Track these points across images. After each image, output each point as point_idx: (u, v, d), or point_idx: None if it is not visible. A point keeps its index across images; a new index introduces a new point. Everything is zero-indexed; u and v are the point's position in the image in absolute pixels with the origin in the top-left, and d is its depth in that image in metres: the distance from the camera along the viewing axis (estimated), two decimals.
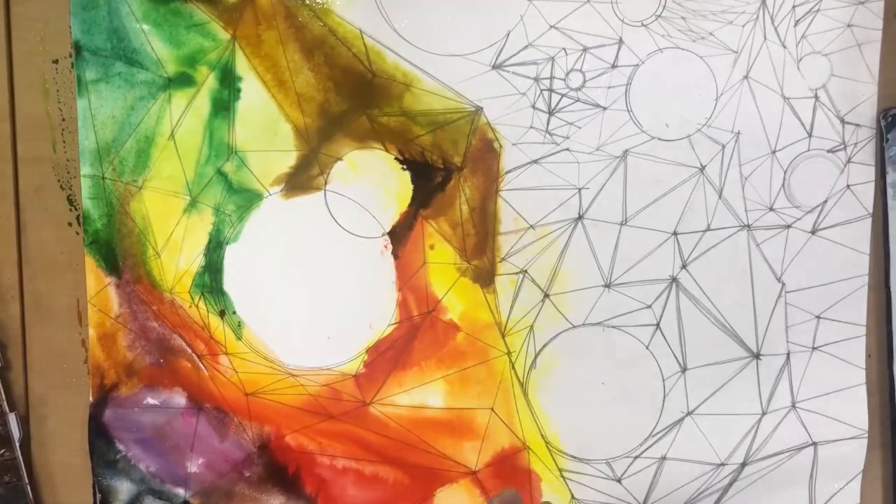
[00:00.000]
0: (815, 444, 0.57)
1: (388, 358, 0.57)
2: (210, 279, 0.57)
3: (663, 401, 0.57)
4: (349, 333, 0.57)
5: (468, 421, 0.57)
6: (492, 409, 0.57)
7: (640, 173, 0.55)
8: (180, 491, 0.59)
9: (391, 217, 0.56)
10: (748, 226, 0.55)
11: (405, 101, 0.55)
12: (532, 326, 0.57)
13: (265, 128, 0.55)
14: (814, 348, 0.56)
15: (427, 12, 0.54)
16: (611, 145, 0.55)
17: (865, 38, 0.54)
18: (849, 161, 0.55)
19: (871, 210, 0.55)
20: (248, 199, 0.56)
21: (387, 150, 0.55)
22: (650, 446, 0.57)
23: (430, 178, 0.56)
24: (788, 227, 0.55)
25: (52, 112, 0.56)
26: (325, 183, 0.56)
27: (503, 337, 0.57)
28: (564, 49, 0.54)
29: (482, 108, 0.55)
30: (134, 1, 0.54)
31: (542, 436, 0.58)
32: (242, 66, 0.55)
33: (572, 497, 0.58)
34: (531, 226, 0.56)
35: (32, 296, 0.58)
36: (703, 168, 0.55)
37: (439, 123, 0.55)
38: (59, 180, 0.57)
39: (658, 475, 0.58)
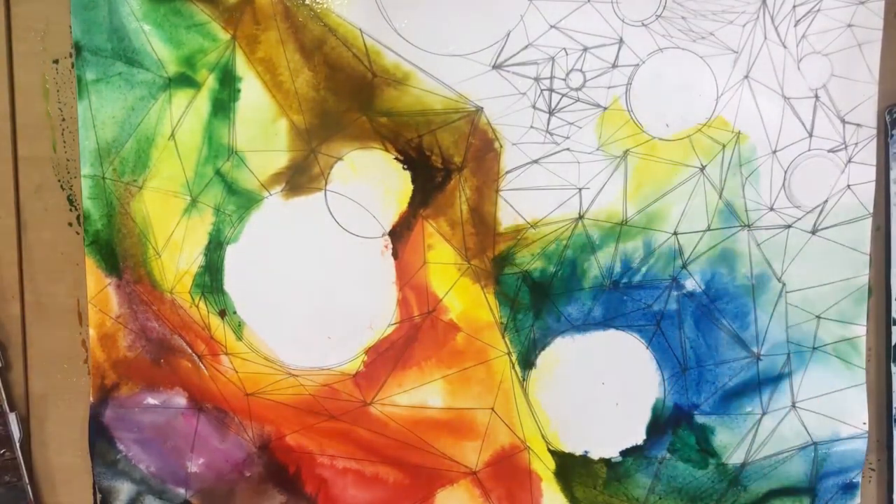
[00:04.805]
0: (815, 444, 0.57)
1: (388, 358, 0.57)
2: (210, 279, 0.57)
3: (663, 401, 0.57)
4: (349, 333, 0.57)
5: (468, 421, 0.58)
6: (492, 409, 0.57)
7: (640, 173, 0.55)
8: (181, 491, 0.59)
9: (391, 217, 0.56)
10: (748, 226, 0.55)
11: (405, 101, 0.55)
12: (532, 326, 0.57)
13: (265, 128, 0.55)
14: (814, 348, 0.56)
15: (427, 12, 0.54)
16: (611, 145, 0.55)
17: (866, 37, 0.54)
18: (849, 161, 0.55)
19: (871, 210, 0.55)
20: (248, 199, 0.56)
21: (387, 150, 0.55)
22: (650, 446, 0.57)
23: (430, 178, 0.56)
24: (789, 227, 0.55)
25: (52, 112, 0.56)
26: (326, 183, 0.56)
27: (503, 337, 0.57)
28: (565, 49, 0.54)
29: (482, 107, 0.55)
30: (134, 1, 0.54)
31: (542, 436, 0.58)
32: (242, 66, 0.55)
33: (572, 497, 0.58)
34: (531, 226, 0.56)
35: (32, 296, 0.58)
36: (703, 168, 0.55)
37: (439, 123, 0.55)
38: (59, 180, 0.57)
39: (658, 475, 0.58)
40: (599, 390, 0.57)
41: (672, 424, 0.57)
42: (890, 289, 0.56)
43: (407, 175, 0.56)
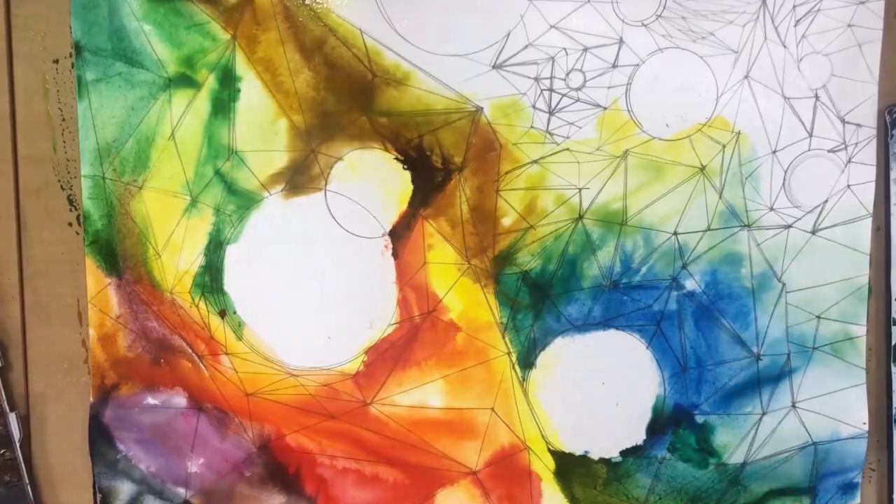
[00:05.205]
0: (815, 444, 0.57)
1: (389, 358, 0.57)
2: (210, 279, 0.57)
3: (663, 401, 0.57)
4: (349, 333, 0.57)
5: (468, 421, 0.57)
6: (492, 409, 0.57)
7: (640, 173, 0.55)
8: (181, 491, 0.59)
9: (391, 217, 0.56)
10: (748, 226, 0.55)
11: (405, 101, 0.55)
12: (532, 326, 0.57)
13: (265, 128, 0.55)
14: (814, 348, 0.56)
15: (427, 12, 0.54)
16: (611, 145, 0.55)
17: (866, 37, 0.54)
18: (849, 161, 0.55)
19: (871, 210, 0.55)
20: (248, 199, 0.56)
21: (387, 150, 0.55)
22: (650, 446, 0.57)
23: (430, 178, 0.56)
24: (789, 227, 0.55)
25: (53, 112, 0.56)
26: (325, 183, 0.56)
27: (503, 337, 0.57)
28: (565, 49, 0.54)
29: (482, 107, 0.55)
30: (134, 1, 0.54)
31: (542, 435, 0.58)
32: (242, 66, 0.55)
33: (572, 497, 0.58)
34: (531, 226, 0.56)
35: (32, 296, 0.58)
36: (703, 168, 0.55)
37: (440, 123, 0.55)
38: (59, 180, 0.57)
39: (658, 475, 0.58)
40: (599, 390, 0.57)
41: (672, 424, 0.57)
42: (890, 289, 0.56)
43: (407, 175, 0.56)
